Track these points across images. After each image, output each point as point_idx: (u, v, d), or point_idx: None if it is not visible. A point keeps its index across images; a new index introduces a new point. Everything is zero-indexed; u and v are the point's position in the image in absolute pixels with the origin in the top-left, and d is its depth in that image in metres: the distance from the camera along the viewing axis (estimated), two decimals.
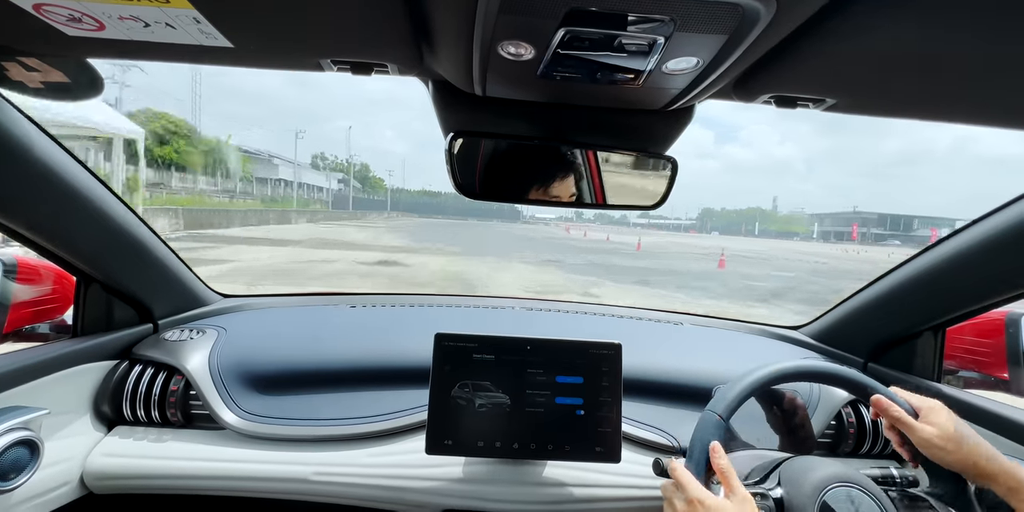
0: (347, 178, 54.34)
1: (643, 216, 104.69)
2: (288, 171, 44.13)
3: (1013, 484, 0.62)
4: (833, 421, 1.02)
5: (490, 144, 0.72)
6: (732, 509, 0.60)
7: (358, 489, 0.89)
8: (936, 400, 0.72)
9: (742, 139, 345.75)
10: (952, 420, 0.69)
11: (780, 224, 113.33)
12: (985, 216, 0.87)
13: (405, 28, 0.50)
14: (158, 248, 1.04)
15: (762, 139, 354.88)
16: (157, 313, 1.11)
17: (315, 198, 46.76)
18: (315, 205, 43.20)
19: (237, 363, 1.03)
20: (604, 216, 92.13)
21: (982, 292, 0.93)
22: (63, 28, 0.51)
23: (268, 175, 40.10)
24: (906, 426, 0.71)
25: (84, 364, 0.94)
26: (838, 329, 1.25)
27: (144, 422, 0.98)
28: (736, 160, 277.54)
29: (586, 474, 0.90)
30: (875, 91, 0.58)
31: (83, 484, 0.91)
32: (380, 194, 62.20)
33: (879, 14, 0.42)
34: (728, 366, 1.08)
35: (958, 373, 1.11)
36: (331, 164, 62.00)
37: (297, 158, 45.66)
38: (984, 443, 0.67)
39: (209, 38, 0.52)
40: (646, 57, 0.48)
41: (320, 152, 71.60)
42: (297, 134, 42.19)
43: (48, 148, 0.75)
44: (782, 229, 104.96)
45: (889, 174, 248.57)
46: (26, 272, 1.01)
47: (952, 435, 0.67)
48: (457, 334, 0.90)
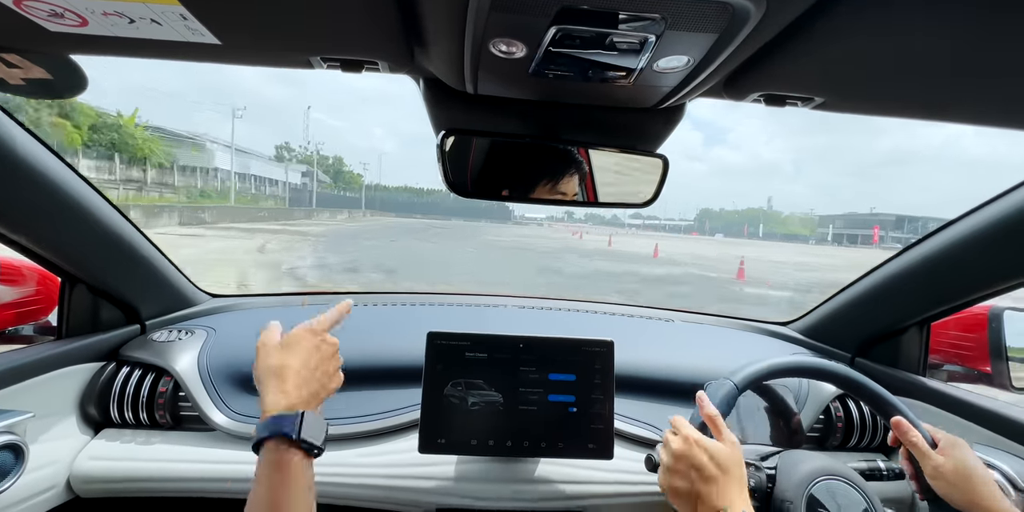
0: (312, 171, 45.96)
1: (636, 216, 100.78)
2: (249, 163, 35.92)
3: None
4: (821, 415, 1.04)
5: (482, 142, 0.72)
6: (724, 448, 0.66)
7: (351, 489, 0.89)
8: (960, 438, 0.72)
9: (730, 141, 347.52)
10: (969, 458, 0.69)
11: (785, 226, 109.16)
12: (970, 212, 0.89)
13: (396, 25, 0.50)
14: (145, 248, 1.03)
15: (750, 141, 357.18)
16: (144, 314, 1.09)
17: (269, 193, 38.79)
18: (266, 201, 36.09)
19: (226, 364, 1.02)
20: (595, 216, 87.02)
21: (967, 287, 0.95)
22: (44, 24, 0.50)
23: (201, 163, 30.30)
24: (921, 453, 0.71)
25: (70, 366, 0.92)
26: (826, 324, 1.27)
27: (132, 424, 0.97)
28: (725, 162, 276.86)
29: (579, 471, 0.91)
30: (862, 90, 0.58)
31: (70, 488, 0.89)
32: (355, 190, 54.06)
33: (867, 14, 0.43)
34: (719, 362, 1.09)
35: (942, 367, 1.13)
36: (298, 155, 53.49)
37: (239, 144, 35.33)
38: (994, 486, 0.67)
39: (196, 35, 0.51)
40: (637, 55, 0.48)
41: (285, 142, 63.94)
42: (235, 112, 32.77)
43: (30, 147, 0.73)
44: (789, 231, 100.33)
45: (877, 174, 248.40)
46: (8, 273, 0.99)
47: (965, 472, 0.67)
48: (449, 333, 0.90)
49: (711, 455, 0.65)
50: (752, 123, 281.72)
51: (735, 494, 0.62)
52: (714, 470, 0.64)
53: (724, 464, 0.64)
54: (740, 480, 0.64)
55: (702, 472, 0.64)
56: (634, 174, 0.77)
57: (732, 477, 0.63)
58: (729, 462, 0.64)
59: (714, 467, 0.64)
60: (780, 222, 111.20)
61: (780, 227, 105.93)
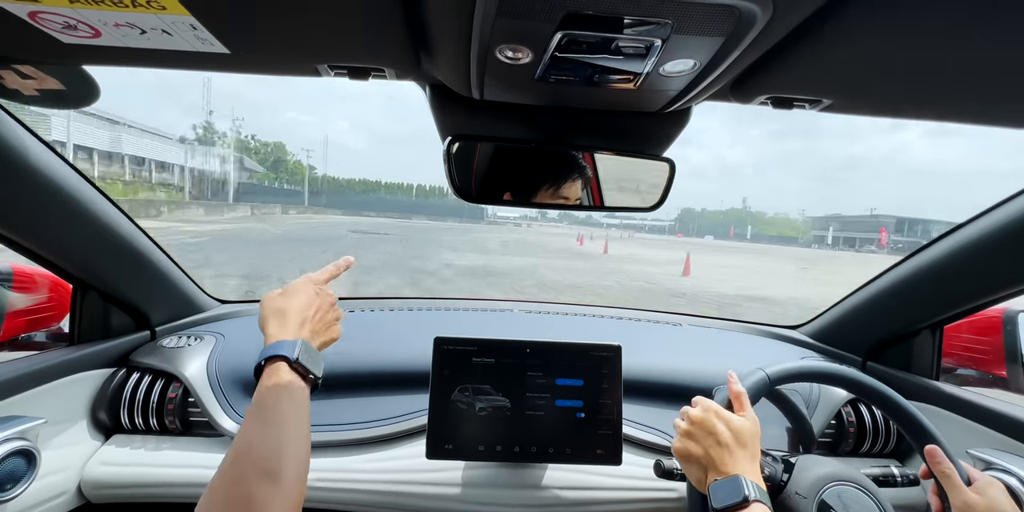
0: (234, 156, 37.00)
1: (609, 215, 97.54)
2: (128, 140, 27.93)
3: None
4: (833, 420, 1.03)
5: (488, 147, 0.73)
6: (743, 421, 0.67)
7: (359, 495, 0.89)
8: (997, 480, 0.70)
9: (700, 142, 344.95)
10: (1004, 500, 0.67)
11: (774, 227, 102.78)
12: (983, 213, 0.88)
13: (402, 33, 0.50)
14: (155, 254, 1.04)
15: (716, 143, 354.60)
16: (154, 320, 1.10)
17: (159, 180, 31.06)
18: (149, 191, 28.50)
19: (235, 370, 1.02)
20: (569, 216, 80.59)
21: (980, 290, 0.93)
22: (58, 36, 0.51)
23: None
24: (953, 485, 0.69)
25: (81, 372, 0.93)
26: (836, 328, 1.26)
27: (142, 430, 0.97)
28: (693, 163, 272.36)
29: (587, 477, 0.90)
30: (870, 91, 0.58)
31: (80, 494, 0.90)
32: (299, 182, 45.19)
33: (875, 16, 0.43)
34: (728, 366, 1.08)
35: (956, 371, 1.11)
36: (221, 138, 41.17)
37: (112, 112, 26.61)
38: None
39: (206, 44, 0.52)
40: (643, 60, 0.49)
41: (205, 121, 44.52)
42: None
43: (43, 155, 0.74)
44: (779, 233, 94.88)
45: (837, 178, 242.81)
46: (21, 280, 1.00)
47: (996, 510, 0.66)
48: (456, 338, 0.90)
49: (728, 424, 0.66)
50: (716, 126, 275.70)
51: (746, 465, 0.63)
52: (729, 438, 0.65)
53: (740, 434, 0.65)
54: (754, 455, 0.65)
55: (717, 438, 0.65)
56: (640, 178, 0.77)
57: (746, 449, 0.64)
58: (745, 434, 0.65)
59: (730, 435, 0.65)
60: (767, 223, 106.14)
61: (768, 228, 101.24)
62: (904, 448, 1.05)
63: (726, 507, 0.59)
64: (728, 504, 0.60)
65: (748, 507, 0.58)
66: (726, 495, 0.60)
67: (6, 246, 0.81)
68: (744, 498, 0.59)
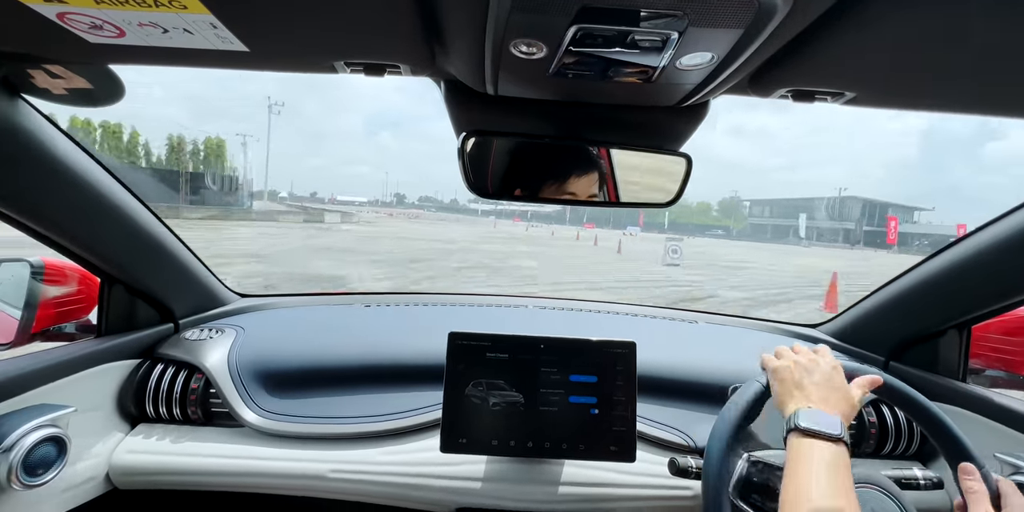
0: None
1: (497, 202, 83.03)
2: None
3: None
4: (854, 421, 1.00)
5: (503, 143, 0.72)
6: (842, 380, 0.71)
7: (374, 487, 0.90)
8: (1008, 481, 0.67)
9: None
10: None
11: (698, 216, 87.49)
12: (1013, 210, 0.84)
13: (418, 29, 0.50)
14: (179, 249, 1.06)
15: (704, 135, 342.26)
16: (178, 313, 1.14)
17: None
18: None
19: (255, 362, 1.05)
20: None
21: (1010, 288, 0.90)
22: (85, 35, 0.52)
23: None
24: (977, 501, 0.65)
25: (108, 363, 0.96)
26: (858, 327, 1.23)
27: (166, 419, 1.00)
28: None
29: (601, 473, 0.90)
30: (896, 84, 0.56)
31: (108, 480, 0.93)
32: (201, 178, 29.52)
33: (898, 5, 0.41)
34: (744, 365, 1.07)
35: (984, 372, 1.08)
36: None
37: None
38: None
39: (225, 42, 0.53)
40: (659, 53, 0.48)
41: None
42: None
43: (72, 153, 0.77)
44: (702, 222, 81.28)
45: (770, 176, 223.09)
46: (53, 273, 1.03)
47: None
48: (471, 333, 0.90)
49: (839, 375, 0.70)
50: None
51: (848, 415, 0.65)
52: (840, 383, 0.69)
53: (842, 387, 0.69)
54: (850, 416, 0.66)
55: (829, 378, 0.69)
56: (656, 173, 0.76)
57: (852, 407, 0.67)
58: (857, 397, 0.68)
59: (841, 382, 0.69)
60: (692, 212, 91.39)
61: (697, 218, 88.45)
62: (927, 450, 1.02)
63: (814, 430, 0.61)
64: (820, 430, 0.61)
65: (837, 444, 0.60)
66: (824, 423, 0.62)
67: (38, 241, 0.84)
68: (839, 436, 0.61)
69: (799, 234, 55.46)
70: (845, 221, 58.10)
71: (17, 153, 0.69)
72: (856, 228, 56.00)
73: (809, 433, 0.61)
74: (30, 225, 0.79)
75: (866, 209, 57.33)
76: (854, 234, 55.30)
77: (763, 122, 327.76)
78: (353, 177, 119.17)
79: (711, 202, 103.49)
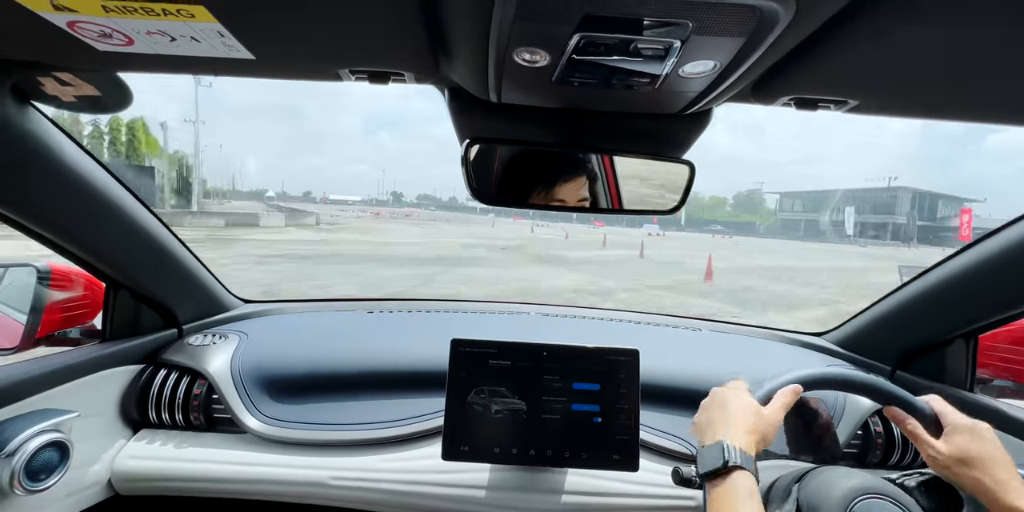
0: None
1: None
2: None
3: None
4: (860, 431, 0.99)
5: (506, 150, 0.73)
6: (758, 408, 0.67)
7: (375, 494, 0.90)
8: (977, 421, 0.68)
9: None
10: (974, 444, 0.65)
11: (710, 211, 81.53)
12: (1019, 218, 0.84)
13: (422, 37, 0.51)
14: (183, 255, 1.07)
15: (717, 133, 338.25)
16: (182, 318, 1.14)
17: None
18: None
19: (258, 368, 1.05)
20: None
21: (1018, 297, 0.89)
22: (94, 44, 0.53)
23: None
24: (918, 440, 0.69)
25: (112, 368, 0.96)
26: (864, 336, 1.22)
27: (168, 425, 1.00)
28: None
29: (603, 482, 0.89)
30: (899, 92, 0.56)
31: (110, 485, 0.93)
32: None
33: (901, 14, 0.41)
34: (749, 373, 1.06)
35: (992, 382, 1.06)
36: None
37: None
38: (1014, 475, 0.62)
39: (232, 51, 0.53)
40: (662, 61, 0.48)
41: None
42: None
43: (79, 158, 0.77)
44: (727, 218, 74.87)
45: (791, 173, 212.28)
46: (58, 278, 1.04)
47: (964, 459, 0.64)
48: (473, 340, 0.90)
49: (740, 400, 0.67)
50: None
51: (740, 434, 0.62)
52: (735, 410, 0.65)
53: (746, 411, 0.65)
54: (753, 431, 0.63)
55: (725, 409, 0.66)
56: (659, 180, 0.76)
57: (748, 425, 0.64)
58: (753, 414, 0.65)
59: (738, 409, 0.65)
60: (704, 207, 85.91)
61: (708, 213, 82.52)
62: None
63: (708, 472, 0.58)
64: (709, 470, 0.58)
65: (729, 474, 0.57)
66: (709, 461, 0.59)
67: (44, 245, 0.85)
68: (724, 463, 0.58)
69: (845, 231, 45.61)
70: (893, 215, 49.91)
71: (26, 159, 0.70)
72: (908, 223, 48.44)
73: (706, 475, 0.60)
74: (37, 230, 0.80)
75: (916, 201, 50.48)
76: (905, 229, 47.51)
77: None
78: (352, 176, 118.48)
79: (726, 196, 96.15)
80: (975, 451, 0.64)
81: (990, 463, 0.63)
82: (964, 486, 0.64)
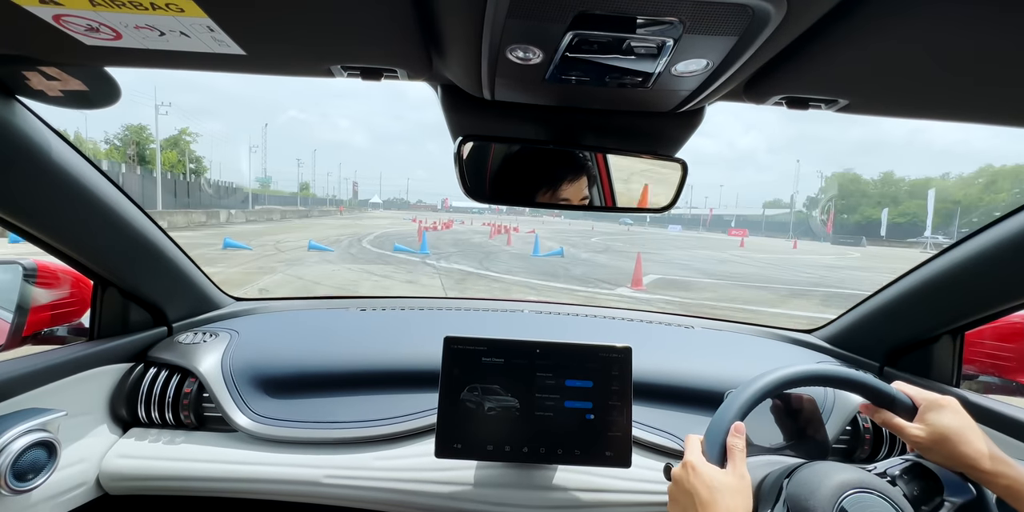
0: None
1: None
2: None
3: (1009, 483, 0.61)
4: (848, 426, 1.01)
5: (499, 148, 0.73)
6: (725, 482, 0.62)
7: (368, 492, 0.90)
8: (942, 396, 0.69)
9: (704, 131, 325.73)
10: (943, 420, 0.66)
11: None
12: (1009, 215, 0.85)
13: (414, 34, 0.51)
14: (173, 252, 1.06)
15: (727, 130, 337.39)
16: (171, 316, 1.13)
17: None
18: None
19: (249, 366, 1.04)
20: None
21: (1003, 294, 0.91)
22: (81, 38, 0.52)
23: None
24: (895, 428, 0.70)
25: (101, 367, 0.95)
26: (853, 333, 1.23)
27: (158, 424, 0.99)
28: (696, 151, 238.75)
29: (596, 479, 0.90)
30: (888, 91, 0.57)
31: (99, 485, 0.92)
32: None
33: (891, 14, 0.42)
34: (741, 370, 1.07)
35: (978, 378, 1.08)
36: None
37: None
38: (989, 443, 0.64)
39: (222, 46, 0.53)
40: (655, 59, 0.48)
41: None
42: None
43: (67, 155, 0.76)
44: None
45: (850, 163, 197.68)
46: (45, 276, 1.03)
47: (939, 436, 0.65)
48: (466, 337, 0.90)
49: (706, 482, 0.63)
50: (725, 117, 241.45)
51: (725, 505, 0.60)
52: (707, 496, 0.61)
53: (719, 492, 0.62)
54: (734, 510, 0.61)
55: (696, 497, 0.62)
56: (652, 178, 0.77)
57: (726, 507, 0.61)
58: (726, 491, 0.62)
59: (707, 493, 0.62)
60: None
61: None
62: None
63: None
64: None
65: None
66: None
67: (31, 243, 0.84)
68: None
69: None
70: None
71: (11, 155, 0.69)
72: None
73: None
74: (23, 227, 0.79)
75: None
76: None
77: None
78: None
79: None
80: (951, 425, 0.65)
81: (967, 434, 0.64)
82: (948, 463, 0.65)
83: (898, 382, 0.74)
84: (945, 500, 0.66)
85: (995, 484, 0.62)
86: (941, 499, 0.66)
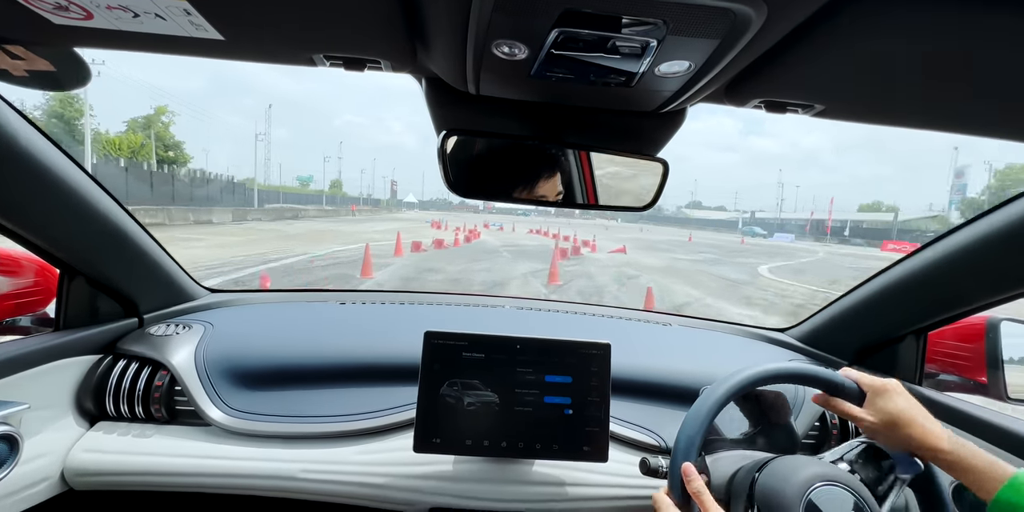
0: None
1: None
2: None
3: (953, 459, 0.64)
4: (817, 422, 1.04)
5: (483, 143, 0.72)
6: None
7: (345, 487, 0.89)
8: (886, 380, 0.71)
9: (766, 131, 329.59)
10: (890, 403, 0.68)
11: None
12: (972, 220, 0.88)
13: (399, 24, 0.50)
14: (144, 241, 1.03)
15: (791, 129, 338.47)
16: (143, 307, 1.10)
17: None
18: None
19: (223, 359, 1.02)
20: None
21: (965, 297, 0.94)
22: (49, 16, 0.50)
23: None
24: (848, 415, 0.72)
25: (67, 358, 0.92)
26: (824, 332, 1.27)
27: (127, 418, 0.97)
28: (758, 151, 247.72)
29: (574, 473, 0.91)
30: (863, 98, 0.58)
31: (63, 480, 0.89)
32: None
33: (869, 21, 0.43)
34: (715, 367, 1.09)
35: (939, 376, 1.13)
36: None
37: None
38: (935, 424, 0.67)
39: (200, 30, 0.51)
40: (639, 59, 0.49)
41: None
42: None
43: (33, 139, 0.73)
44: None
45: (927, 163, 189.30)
46: (7, 264, 0.99)
47: (888, 419, 0.67)
48: (447, 332, 0.90)
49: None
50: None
51: None
52: None
53: None
54: None
55: None
56: (634, 177, 0.78)
57: None
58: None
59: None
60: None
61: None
62: None
63: None
64: None
65: None
66: None
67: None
68: None
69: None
70: None
71: None
72: None
73: None
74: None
75: None
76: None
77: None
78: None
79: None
80: (897, 408, 0.68)
81: (912, 414, 0.67)
82: (898, 444, 0.68)
83: (845, 369, 0.76)
84: (897, 477, 0.69)
85: (940, 460, 0.65)
86: (894, 476, 0.70)
